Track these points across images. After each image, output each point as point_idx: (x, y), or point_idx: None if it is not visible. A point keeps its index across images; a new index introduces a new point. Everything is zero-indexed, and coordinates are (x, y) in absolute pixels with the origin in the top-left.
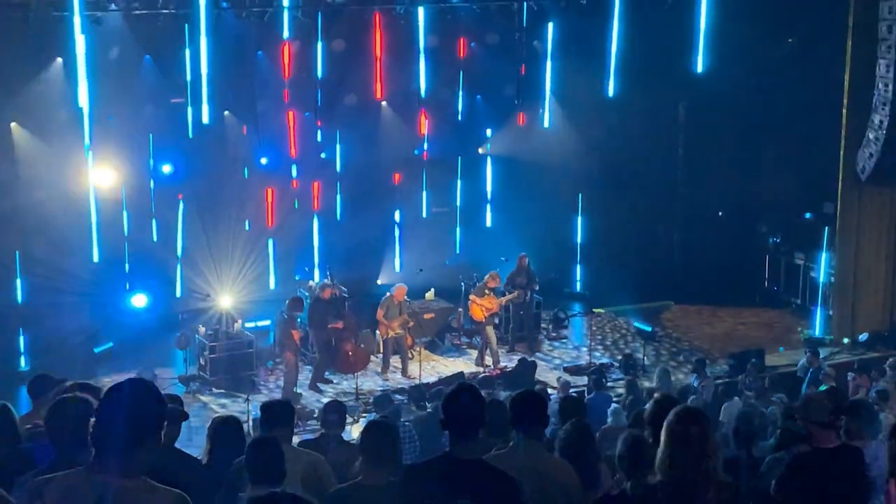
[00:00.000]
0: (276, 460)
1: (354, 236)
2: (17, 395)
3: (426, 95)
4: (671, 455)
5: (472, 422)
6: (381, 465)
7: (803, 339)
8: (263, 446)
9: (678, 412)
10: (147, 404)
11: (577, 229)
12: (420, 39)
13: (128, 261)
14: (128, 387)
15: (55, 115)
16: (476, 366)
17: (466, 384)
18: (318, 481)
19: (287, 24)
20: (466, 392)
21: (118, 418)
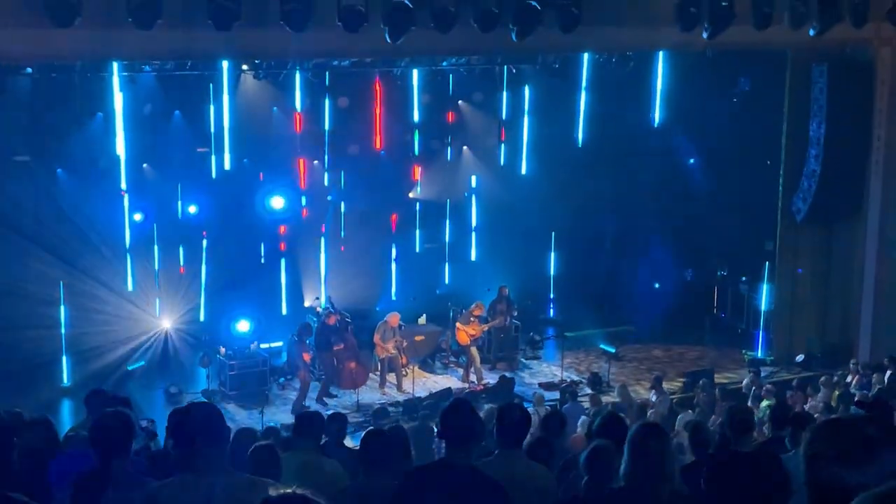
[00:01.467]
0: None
1: (356, 268)
2: (60, 407)
3: (419, 145)
4: (633, 464)
5: (466, 433)
6: (379, 469)
7: (747, 360)
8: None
9: (640, 427)
10: (219, 415)
11: (550, 263)
12: (414, 97)
13: (158, 289)
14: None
15: (96, 162)
16: (462, 382)
17: (462, 399)
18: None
19: (298, 83)
20: (463, 406)
21: (211, 428)
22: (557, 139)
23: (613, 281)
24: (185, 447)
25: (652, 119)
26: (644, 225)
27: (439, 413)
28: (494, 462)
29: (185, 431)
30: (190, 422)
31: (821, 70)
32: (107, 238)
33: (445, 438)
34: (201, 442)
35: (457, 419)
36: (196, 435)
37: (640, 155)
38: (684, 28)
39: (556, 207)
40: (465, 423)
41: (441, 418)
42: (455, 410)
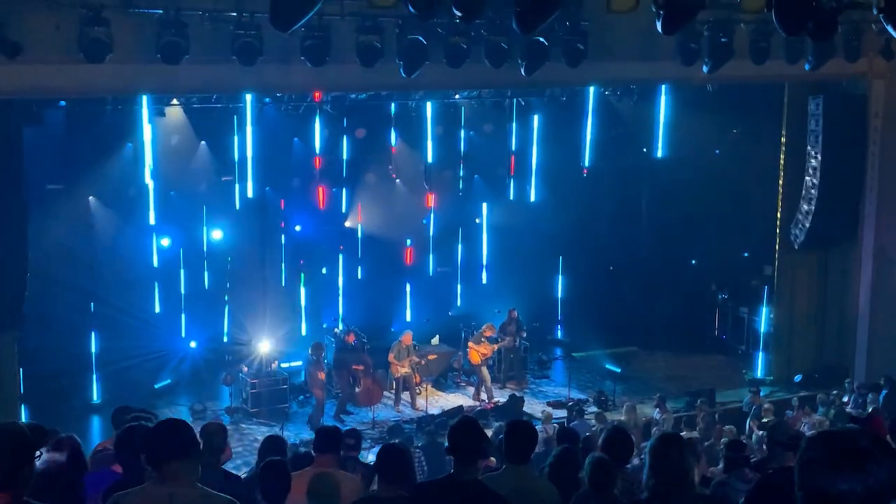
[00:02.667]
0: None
1: (372, 291)
2: (90, 424)
3: (433, 174)
4: (655, 474)
5: (473, 449)
6: (393, 482)
7: (747, 379)
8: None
9: (660, 438)
10: (185, 429)
11: (557, 286)
12: (428, 128)
13: (184, 311)
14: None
15: (125, 191)
16: (473, 400)
17: (468, 417)
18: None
19: (318, 115)
20: (469, 423)
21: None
22: (565, 168)
23: (618, 303)
24: (152, 459)
25: (655, 148)
26: (647, 250)
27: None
28: (501, 477)
29: (152, 445)
30: (157, 436)
31: (817, 102)
32: (135, 262)
33: (453, 454)
34: (167, 455)
35: (464, 436)
36: (162, 448)
37: (643, 183)
38: (685, 62)
39: (563, 233)
40: (471, 439)
41: (449, 435)
42: (462, 427)
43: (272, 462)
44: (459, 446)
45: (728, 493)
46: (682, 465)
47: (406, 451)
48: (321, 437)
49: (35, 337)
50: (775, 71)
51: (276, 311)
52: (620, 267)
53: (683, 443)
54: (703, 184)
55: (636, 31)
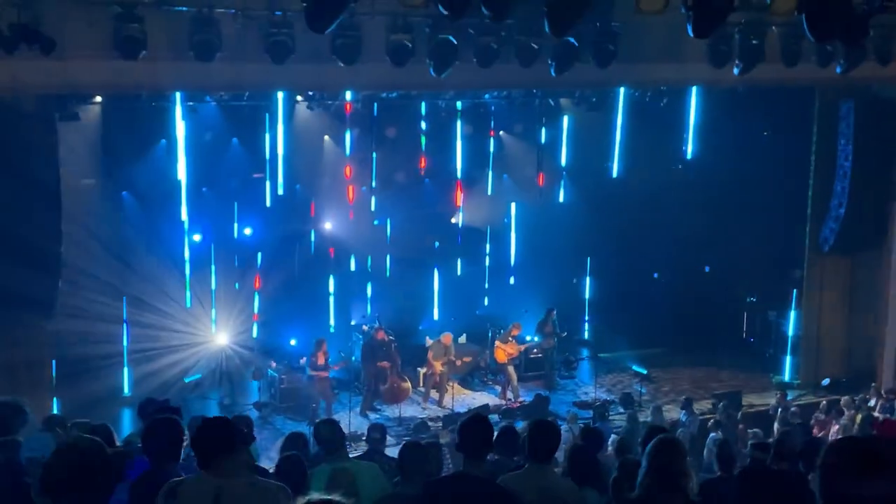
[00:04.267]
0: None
1: (401, 290)
2: (121, 416)
3: (462, 174)
4: (649, 476)
5: (481, 446)
6: (414, 478)
7: (774, 383)
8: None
9: (657, 442)
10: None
11: (585, 287)
12: (458, 127)
13: (214, 306)
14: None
15: (158, 186)
16: (499, 399)
17: (478, 414)
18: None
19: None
20: (477, 420)
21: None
22: (594, 168)
23: (646, 305)
24: (200, 456)
25: (685, 151)
26: (675, 251)
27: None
28: (524, 475)
29: (199, 444)
30: (202, 435)
31: (848, 106)
32: (167, 257)
33: (462, 451)
34: (212, 451)
35: (472, 432)
36: (208, 446)
37: (672, 184)
38: (716, 65)
39: (591, 234)
40: (480, 435)
41: (458, 432)
42: (471, 424)
43: (288, 456)
44: (468, 443)
45: None
46: (675, 469)
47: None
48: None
49: (68, 328)
50: (806, 74)
51: (305, 308)
52: (648, 268)
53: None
54: (732, 186)
55: (666, 33)
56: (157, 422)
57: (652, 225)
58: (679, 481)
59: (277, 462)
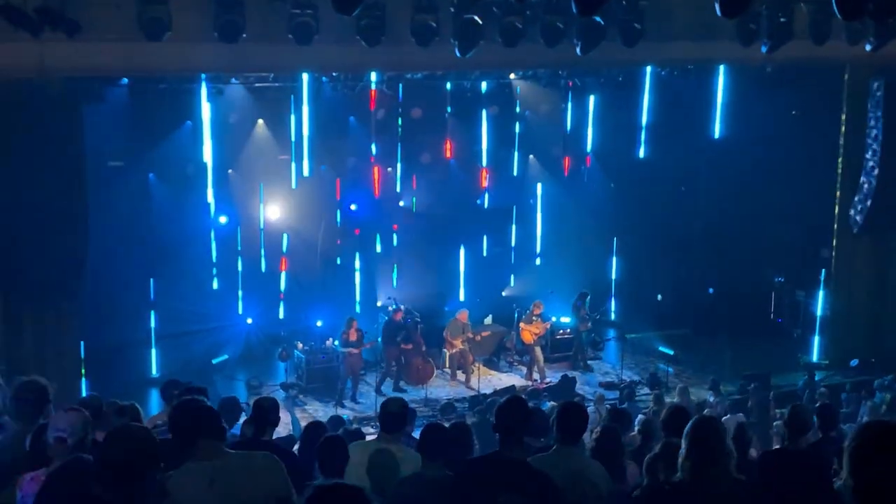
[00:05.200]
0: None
1: (426, 271)
2: (148, 396)
3: (487, 154)
4: (690, 457)
5: (517, 427)
6: (434, 459)
7: (802, 363)
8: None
9: (696, 421)
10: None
11: (612, 268)
12: (483, 108)
13: (241, 288)
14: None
15: (184, 168)
16: (525, 380)
17: (515, 396)
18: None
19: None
20: (515, 402)
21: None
22: (620, 149)
23: (673, 285)
24: (183, 440)
25: (712, 130)
26: (703, 231)
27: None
28: (552, 457)
29: (180, 428)
30: (182, 419)
31: (878, 84)
32: (193, 239)
33: (499, 432)
34: (195, 435)
35: (509, 414)
36: (190, 429)
37: (699, 164)
38: (744, 43)
39: (618, 214)
40: (516, 418)
41: (495, 413)
42: (508, 406)
43: (332, 437)
44: (505, 424)
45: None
46: (718, 449)
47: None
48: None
49: (96, 311)
50: (835, 52)
51: (332, 289)
52: (675, 249)
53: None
54: (760, 165)
55: (694, 11)
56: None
57: (679, 205)
58: (722, 461)
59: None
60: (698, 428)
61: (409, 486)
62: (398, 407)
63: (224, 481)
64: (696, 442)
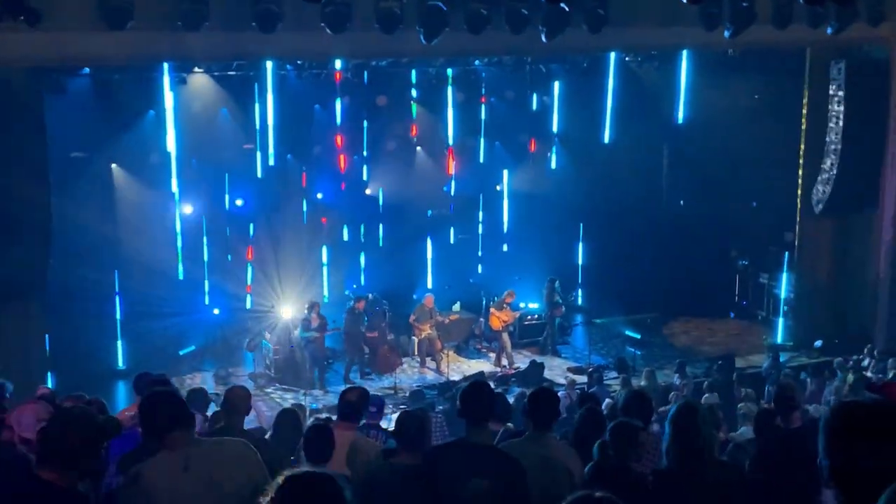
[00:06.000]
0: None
1: (394, 258)
2: (115, 389)
3: (453, 142)
4: (675, 444)
5: (483, 412)
6: (412, 448)
7: (767, 345)
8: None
9: (680, 408)
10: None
11: (578, 253)
12: (449, 95)
13: (207, 278)
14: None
15: (148, 158)
16: (494, 366)
17: (479, 381)
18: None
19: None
20: (479, 387)
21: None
22: (585, 134)
23: (639, 270)
24: (152, 433)
25: (676, 115)
26: (668, 216)
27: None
28: (524, 442)
29: (149, 420)
30: (153, 410)
31: (839, 67)
32: (158, 229)
33: (464, 417)
34: (166, 427)
35: (474, 399)
36: (160, 421)
37: (664, 149)
38: (707, 28)
39: (584, 199)
40: (483, 402)
41: (460, 399)
42: (472, 391)
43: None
44: (470, 410)
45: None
46: (702, 435)
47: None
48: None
49: (60, 304)
50: (797, 35)
51: (299, 278)
52: (641, 233)
53: (703, 412)
54: (724, 150)
55: None
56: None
57: (644, 190)
58: (705, 448)
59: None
60: (682, 416)
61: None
62: (356, 396)
63: (198, 468)
64: (680, 430)
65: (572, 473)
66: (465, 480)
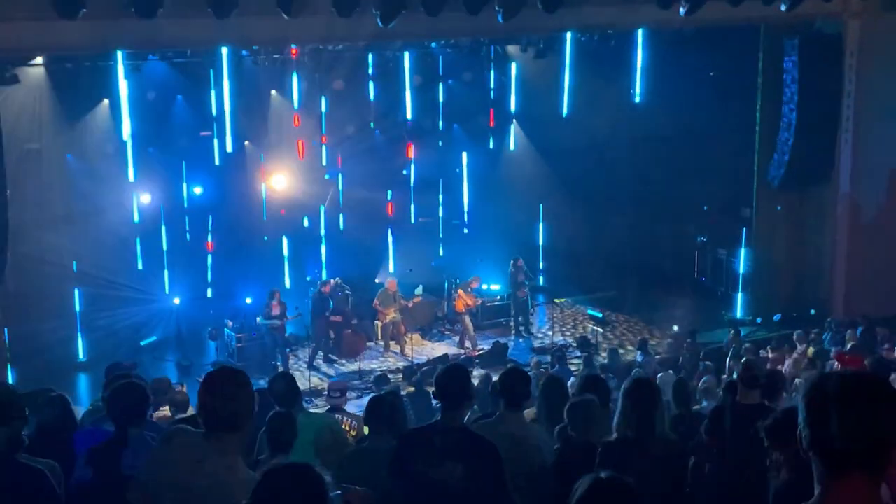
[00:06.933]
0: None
1: (355, 243)
2: (76, 381)
3: (412, 125)
4: (626, 416)
5: (460, 395)
6: (383, 432)
7: (727, 320)
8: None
9: (631, 382)
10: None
11: (539, 233)
12: (406, 78)
13: (166, 267)
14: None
15: (104, 148)
16: (458, 349)
17: (454, 364)
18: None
19: (295, 68)
20: (454, 370)
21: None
22: (543, 115)
23: (599, 249)
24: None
25: (633, 94)
26: (627, 195)
27: (434, 377)
28: (494, 423)
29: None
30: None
31: (792, 44)
32: (116, 220)
33: (441, 400)
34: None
35: (450, 382)
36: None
37: (621, 128)
38: (662, 6)
39: (543, 180)
40: (458, 386)
41: (436, 382)
42: (449, 374)
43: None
44: (446, 392)
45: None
46: (651, 409)
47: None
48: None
49: (19, 296)
50: (751, 12)
51: (260, 265)
52: (600, 212)
53: (655, 387)
54: (680, 127)
55: None
56: (121, 386)
57: (602, 169)
58: (654, 421)
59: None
60: (633, 389)
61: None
62: (283, 386)
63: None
64: (630, 403)
65: (542, 451)
66: (441, 463)
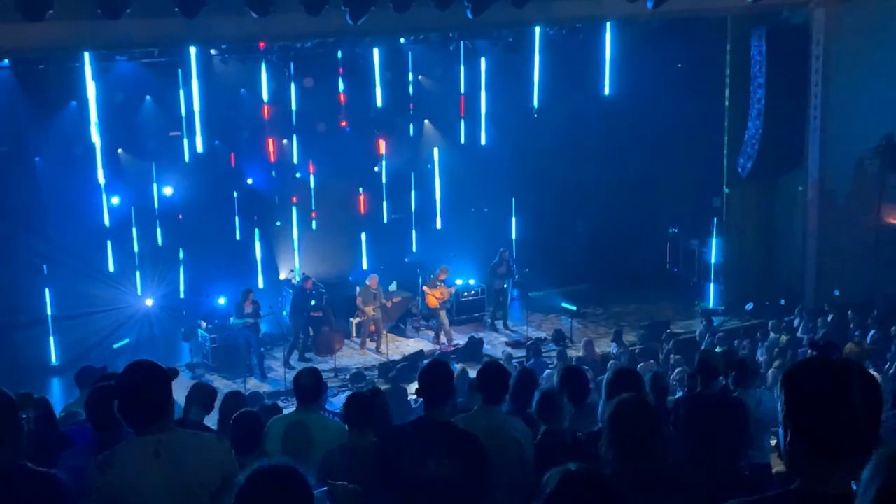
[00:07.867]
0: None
1: (327, 241)
2: (49, 385)
3: (383, 121)
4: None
5: (443, 391)
6: (363, 429)
7: (699, 310)
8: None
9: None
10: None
11: (512, 228)
12: (376, 74)
13: (138, 269)
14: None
15: (72, 150)
16: (434, 344)
17: (438, 359)
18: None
19: (264, 65)
20: (438, 365)
21: (151, 389)
22: (514, 109)
23: (572, 242)
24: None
25: (602, 87)
26: (598, 188)
27: (417, 373)
28: (474, 416)
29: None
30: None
31: (759, 34)
32: (86, 222)
33: (424, 397)
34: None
35: (434, 377)
36: (141, 413)
37: (591, 121)
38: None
39: (515, 174)
40: (441, 381)
41: (419, 378)
42: (432, 370)
43: (245, 413)
44: (430, 388)
45: None
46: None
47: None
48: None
49: None
50: (718, 4)
51: (232, 265)
52: (572, 205)
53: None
54: (650, 120)
55: None
56: (100, 389)
57: (573, 162)
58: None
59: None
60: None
61: (338, 456)
62: (310, 378)
63: (170, 454)
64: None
65: (522, 444)
66: (425, 461)
